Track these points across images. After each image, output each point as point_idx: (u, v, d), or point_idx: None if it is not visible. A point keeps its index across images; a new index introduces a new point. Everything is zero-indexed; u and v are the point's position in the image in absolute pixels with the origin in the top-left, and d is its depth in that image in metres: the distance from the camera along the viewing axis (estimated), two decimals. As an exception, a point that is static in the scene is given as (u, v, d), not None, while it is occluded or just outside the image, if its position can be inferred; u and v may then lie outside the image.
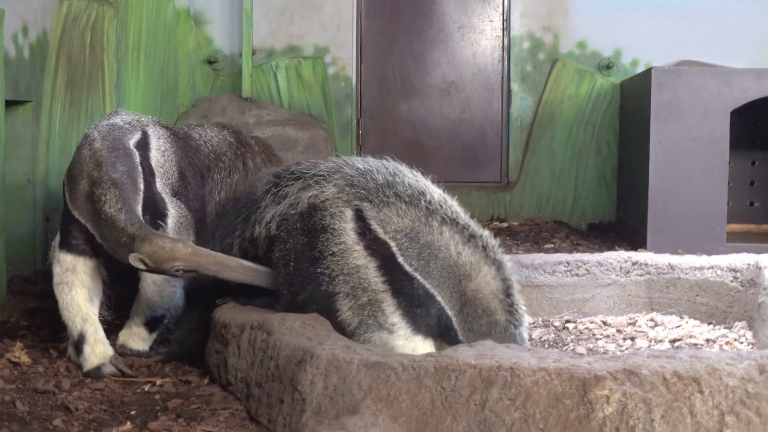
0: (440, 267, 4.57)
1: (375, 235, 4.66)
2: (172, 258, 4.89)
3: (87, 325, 5.22)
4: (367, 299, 4.63)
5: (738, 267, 6.41)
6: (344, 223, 4.73)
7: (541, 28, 10.87)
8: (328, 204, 4.81)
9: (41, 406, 4.53)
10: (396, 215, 4.66)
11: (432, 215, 4.66)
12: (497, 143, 11.08)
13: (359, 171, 4.91)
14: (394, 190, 4.73)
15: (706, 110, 8.29)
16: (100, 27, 8.01)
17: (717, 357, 3.80)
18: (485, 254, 4.63)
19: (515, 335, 4.60)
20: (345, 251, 4.69)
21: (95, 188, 5.14)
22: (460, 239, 4.62)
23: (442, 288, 4.55)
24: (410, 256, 4.58)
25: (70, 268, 5.22)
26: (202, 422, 4.35)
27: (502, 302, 4.59)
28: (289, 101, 10.87)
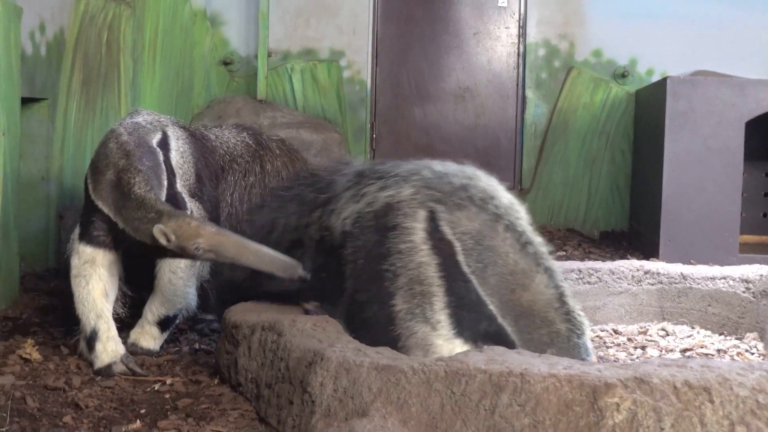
0: (498, 274, 4.54)
1: (442, 235, 4.64)
2: (196, 235, 4.88)
3: (101, 322, 5.21)
4: (420, 291, 4.60)
5: (750, 278, 6.40)
6: (415, 223, 4.71)
7: (557, 35, 10.87)
8: (404, 204, 4.80)
9: (51, 402, 4.54)
10: (466, 218, 4.64)
11: (499, 220, 4.64)
12: (511, 150, 11.07)
13: (437, 173, 4.90)
14: (468, 194, 4.72)
15: (721, 120, 8.28)
16: (117, 26, 8.03)
17: (728, 367, 3.79)
18: (537, 262, 4.60)
19: (579, 345, 4.54)
20: (411, 249, 4.67)
21: (123, 174, 5.15)
22: (518, 246, 4.60)
23: (497, 296, 4.51)
24: (471, 258, 4.55)
25: (89, 260, 5.22)
26: (212, 422, 4.35)
27: (557, 311, 4.54)
28: (304, 104, 10.89)
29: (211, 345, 5.67)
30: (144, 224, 4.99)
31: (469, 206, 4.67)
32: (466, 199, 4.70)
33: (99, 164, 5.25)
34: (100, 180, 5.19)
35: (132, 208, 5.05)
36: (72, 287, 5.25)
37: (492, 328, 4.52)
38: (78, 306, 5.24)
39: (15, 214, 6.24)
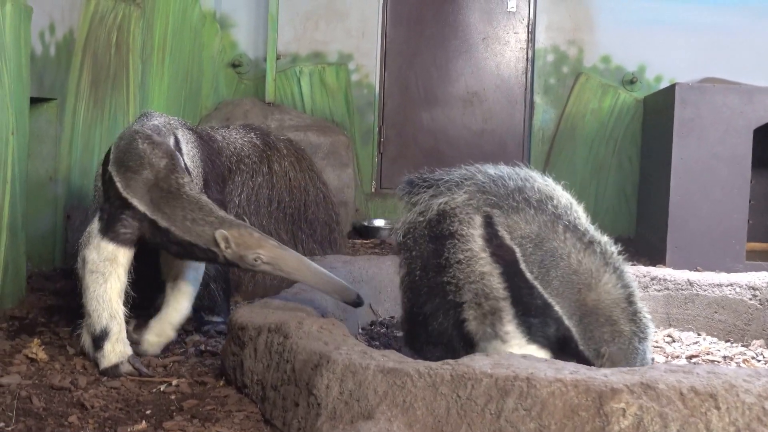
0: (561, 275, 4.47)
1: (501, 241, 4.59)
2: (257, 246, 4.97)
3: (113, 323, 5.19)
4: (489, 307, 4.59)
5: (757, 285, 6.39)
6: (472, 230, 4.68)
7: (566, 41, 10.87)
8: (458, 210, 4.76)
9: (57, 402, 4.54)
10: (524, 221, 4.58)
11: (557, 220, 4.57)
12: (518, 155, 11.07)
13: (491, 177, 4.84)
14: (524, 196, 4.65)
15: (729, 128, 8.28)
16: (126, 27, 8.05)
17: (734, 374, 3.78)
18: (605, 261, 4.52)
19: (638, 350, 4.46)
20: (471, 258, 4.64)
21: (169, 174, 5.20)
22: (581, 246, 4.52)
23: (562, 297, 4.46)
24: (533, 263, 4.49)
25: (110, 258, 5.19)
26: (217, 423, 4.35)
27: (624, 311, 4.46)
28: (312, 107, 10.90)
29: (217, 347, 5.67)
30: (200, 226, 5.06)
31: (526, 209, 4.60)
32: (523, 202, 4.64)
33: (130, 163, 5.23)
34: (134, 178, 5.18)
35: (183, 208, 5.10)
36: (85, 281, 5.21)
37: (561, 331, 4.49)
38: (91, 302, 5.20)
39: (23, 213, 6.25)
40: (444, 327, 4.86)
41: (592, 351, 4.44)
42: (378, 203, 10.86)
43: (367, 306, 6.58)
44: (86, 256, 5.22)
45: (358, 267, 6.61)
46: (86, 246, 5.25)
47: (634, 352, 4.46)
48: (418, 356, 4.64)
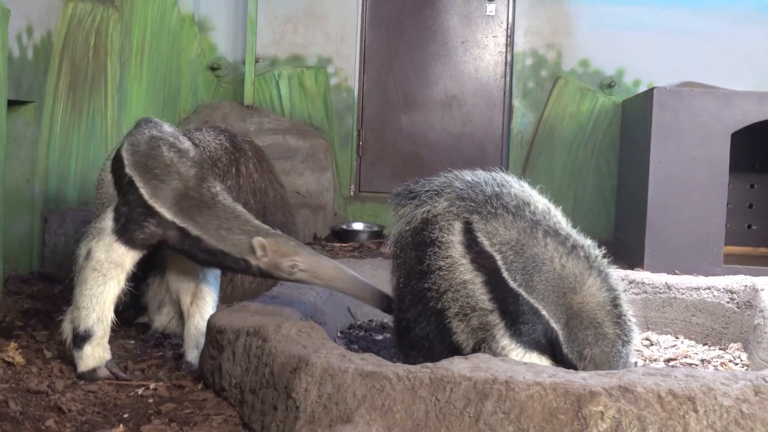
0: (544, 280, 4.49)
1: (481, 248, 4.60)
2: (294, 253, 5.02)
3: (99, 327, 5.16)
4: (477, 323, 4.61)
5: (735, 288, 6.41)
6: (452, 236, 4.70)
7: (545, 45, 10.89)
8: (439, 218, 4.79)
9: (34, 406, 4.52)
10: (503, 227, 4.60)
11: (536, 226, 4.59)
12: (497, 159, 11.09)
13: (468, 184, 4.86)
14: (501, 201, 4.67)
15: (707, 132, 8.31)
16: (105, 30, 8.02)
17: (712, 377, 3.79)
18: (589, 265, 4.54)
19: (620, 354, 4.48)
20: (452, 265, 4.66)
21: (203, 183, 5.25)
22: (563, 250, 4.54)
23: (547, 302, 4.47)
24: (515, 270, 4.51)
25: (117, 261, 5.16)
26: (195, 427, 4.34)
27: (609, 313, 4.48)
28: (291, 110, 10.89)
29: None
30: (236, 235, 5.09)
31: (505, 215, 4.62)
32: (501, 208, 4.65)
33: (156, 171, 5.23)
34: (162, 187, 5.18)
35: (218, 217, 5.13)
36: (84, 274, 5.17)
37: (549, 335, 4.50)
38: (83, 298, 5.15)
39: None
40: (426, 332, 4.89)
41: (576, 354, 4.46)
42: (357, 207, 10.86)
43: (346, 309, 6.58)
44: (93, 251, 5.18)
45: (337, 270, 6.59)
46: (95, 240, 5.20)
47: (617, 355, 4.48)
48: (406, 362, 4.64)
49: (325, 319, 5.71)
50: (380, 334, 6.34)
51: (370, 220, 10.62)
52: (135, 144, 5.36)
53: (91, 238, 5.23)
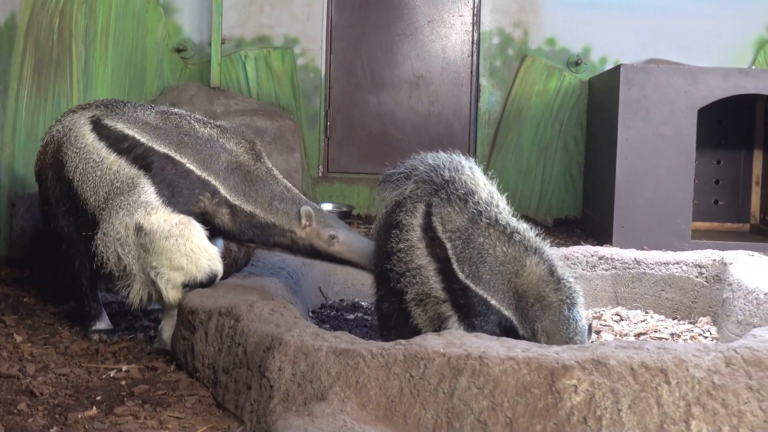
0: (490, 270, 4.59)
1: (435, 233, 4.71)
2: (334, 224, 5.36)
3: (216, 264, 5.34)
4: (433, 312, 4.72)
5: (703, 263, 6.46)
6: (413, 219, 4.82)
7: (511, 24, 10.89)
8: (407, 201, 4.91)
9: (5, 390, 4.49)
10: (455, 213, 4.69)
11: (480, 216, 4.68)
12: (465, 138, 11.09)
13: (430, 166, 5.00)
14: (454, 187, 4.76)
15: (674, 108, 8.34)
16: (69, 12, 7.95)
17: (684, 349, 3.83)
18: (525, 246, 4.63)
19: (569, 319, 4.55)
20: (410, 248, 4.79)
21: (258, 160, 5.47)
22: (504, 238, 4.64)
23: (495, 291, 4.56)
24: (463, 261, 4.61)
25: (185, 222, 5.26)
26: (168, 408, 4.33)
27: (549, 283, 4.58)
28: (258, 91, 10.84)
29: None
30: (287, 205, 5.36)
31: (456, 201, 4.72)
32: (453, 194, 4.77)
33: (199, 146, 5.39)
34: (215, 162, 5.35)
35: (272, 190, 5.38)
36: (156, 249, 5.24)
37: (504, 323, 4.56)
38: (174, 260, 5.24)
39: (-34, 201, 6.17)
40: (390, 311, 4.98)
41: (529, 331, 4.52)
42: (325, 187, 10.84)
43: (317, 289, 6.58)
44: (146, 225, 5.24)
45: (308, 250, 6.59)
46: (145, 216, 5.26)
47: (566, 321, 4.55)
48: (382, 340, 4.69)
49: (296, 299, 5.72)
50: (351, 314, 6.35)
51: (338, 200, 10.60)
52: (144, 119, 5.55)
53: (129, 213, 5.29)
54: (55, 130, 5.76)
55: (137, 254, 5.27)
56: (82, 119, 5.60)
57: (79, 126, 5.56)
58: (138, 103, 5.73)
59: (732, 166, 9.79)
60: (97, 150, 5.44)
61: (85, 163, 5.45)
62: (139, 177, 5.30)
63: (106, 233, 5.31)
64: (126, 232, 5.24)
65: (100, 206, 5.38)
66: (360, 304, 6.60)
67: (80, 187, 5.47)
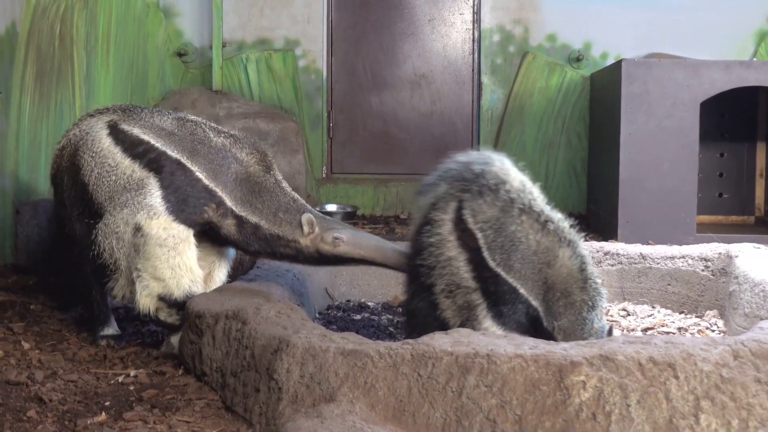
0: (521, 258, 4.58)
1: (466, 225, 4.72)
2: (336, 226, 5.38)
3: (196, 287, 5.34)
4: (462, 301, 4.72)
5: (709, 256, 6.46)
6: (444, 215, 4.83)
7: (512, 21, 10.89)
8: (440, 200, 4.92)
9: (14, 397, 4.50)
10: (486, 205, 4.71)
11: (513, 204, 4.69)
12: (467, 136, 11.09)
13: (462, 164, 5.02)
14: (485, 180, 4.79)
15: (676, 102, 8.33)
16: (70, 18, 7.95)
17: (692, 343, 3.83)
18: (559, 237, 4.62)
19: (585, 320, 4.55)
20: (441, 242, 4.80)
21: (268, 171, 5.47)
22: (538, 226, 4.63)
23: (525, 280, 4.56)
24: (494, 250, 4.61)
25: (183, 237, 5.29)
26: (177, 412, 4.33)
27: (577, 281, 4.57)
28: (260, 94, 10.84)
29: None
30: (291, 215, 5.37)
31: (487, 192, 4.74)
32: (484, 187, 4.78)
33: (212, 156, 5.39)
34: (224, 173, 5.36)
35: (276, 203, 5.39)
36: (146, 252, 5.27)
37: (531, 312, 4.56)
38: (160, 270, 5.27)
39: (-29, 209, 6.17)
40: (419, 307, 5.00)
41: (551, 326, 4.52)
42: (329, 188, 10.84)
43: (323, 290, 6.58)
44: (145, 227, 5.26)
45: (313, 252, 6.59)
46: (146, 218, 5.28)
47: (582, 322, 4.54)
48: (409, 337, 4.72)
49: (303, 301, 5.73)
50: (358, 314, 6.35)
51: (343, 201, 10.60)
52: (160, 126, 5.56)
53: (134, 212, 5.32)
54: (72, 134, 5.76)
55: (128, 252, 5.31)
56: (99, 123, 5.61)
57: (96, 130, 5.57)
58: (156, 109, 5.74)
59: (735, 159, 9.78)
60: (113, 154, 5.45)
61: (101, 168, 5.46)
62: (148, 179, 5.32)
63: (107, 224, 5.36)
64: (125, 229, 5.27)
65: None
66: (367, 305, 6.60)
67: (95, 191, 5.48)
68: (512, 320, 4.56)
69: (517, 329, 4.57)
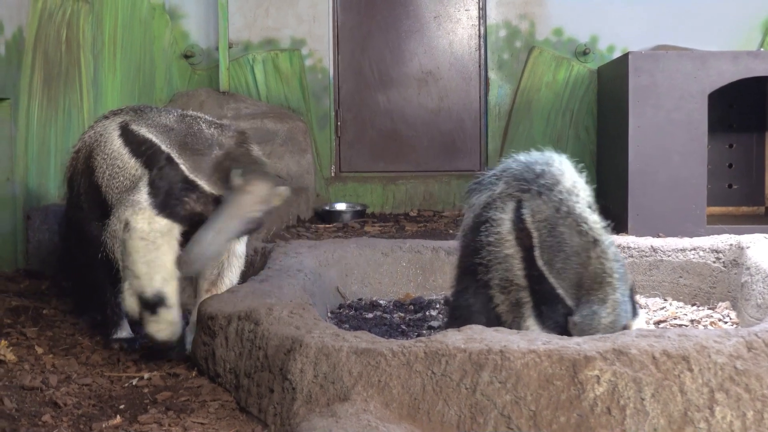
0: (563, 258, 4.61)
1: (524, 224, 4.76)
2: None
3: (168, 286, 5.22)
4: (514, 298, 4.76)
5: (720, 248, 6.45)
6: (504, 214, 4.86)
7: (517, 16, 10.88)
8: (497, 199, 4.95)
9: (29, 402, 4.51)
10: (543, 204, 4.74)
11: (561, 205, 4.72)
12: (476, 132, 11.09)
13: (522, 164, 5.05)
14: (544, 180, 4.83)
15: (684, 93, 8.32)
16: (76, 23, 7.97)
17: (705, 335, 3.82)
18: (592, 237, 4.64)
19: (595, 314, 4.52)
20: (500, 240, 4.82)
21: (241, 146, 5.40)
22: (578, 228, 4.66)
23: (562, 279, 4.59)
24: (544, 249, 4.65)
25: (165, 231, 5.21)
26: (192, 414, 4.34)
27: (601, 281, 4.58)
28: (267, 94, 10.86)
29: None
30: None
31: (546, 192, 4.77)
32: (543, 186, 4.82)
33: (198, 146, 5.33)
34: (203, 160, 5.29)
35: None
36: (128, 245, 5.21)
37: (568, 312, 4.57)
38: (137, 265, 5.20)
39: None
40: (469, 303, 5.05)
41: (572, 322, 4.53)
42: (338, 187, 10.85)
43: (335, 289, 6.58)
44: (131, 222, 5.21)
45: (324, 251, 6.61)
46: (132, 213, 5.23)
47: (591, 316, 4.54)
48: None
49: (314, 300, 5.72)
50: (370, 312, 6.35)
51: (352, 200, 10.61)
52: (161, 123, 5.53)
53: (125, 209, 5.29)
54: (87, 136, 5.78)
55: (120, 249, 5.31)
56: (112, 125, 5.62)
57: (109, 132, 5.58)
58: (164, 108, 5.75)
59: (744, 150, 9.76)
60: (122, 156, 5.46)
61: (111, 169, 5.47)
62: (144, 176, 5.33)
63: (108, 225, 5.38)
64: (119, 226, 5.27)
65: None
66: (378, 303, 6.60)
67: (107, 193, 5.50)
68: (551, 320, 4.59)
69: (554, 329, 4.58)
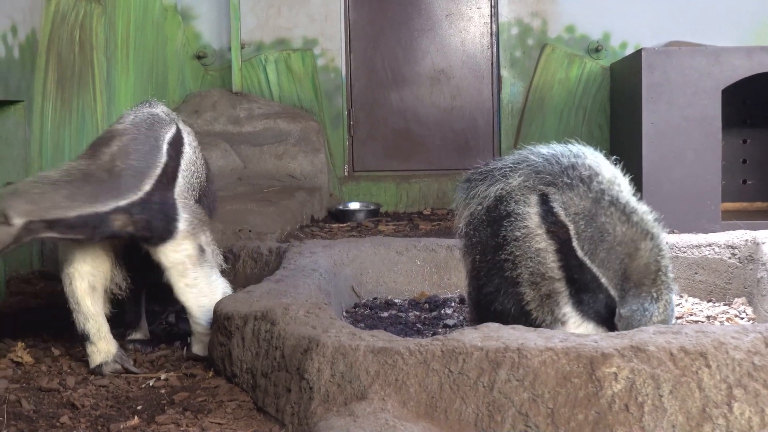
0: (607, 249, 4.57)
1: (557, 218, 4.70)
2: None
3: (89, 325, 5.12)
4: (546, 290, 4.70)
5: (736, 244, 6.43)
6: (528, 208, 4.79)
7: (529, 13, 10.88)
8: (514, 192, 4.89)
9: (47, 404, 4.52)
10: (578, 197, 4.69)
11: (603, 196, 4.68)
12: (488, 130, 11.09)
13: (544, 157, 4.96)
14: (577, 172, 4.76)
15: (697, 89, 8.31)
16: (89, 25, 7.99)
17: (723, 331, 3.81)
18: (642, 229, 4.62)
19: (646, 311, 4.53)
20: (528, 235, 4.75)
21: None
22: (624, 218, 4.62)
23: (607, 269, 4.56)
24: (583, 240, 4.60)
25: (66, 259, 5.13)
26: (210, 414, 4.34)
27: (651, 273, 4.56)
28: (280, 94, 10.88)
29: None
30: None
31: (580, 185, 4.72)
32: (576, 179, 4.75)
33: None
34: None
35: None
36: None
37: (610, 303, 4.56)
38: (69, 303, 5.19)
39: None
40: (504, 306, 4.97)
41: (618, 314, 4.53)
42: (352, 186, 10.86)
43: (350, 288, 6.58)
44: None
45: (338, 250, 6.60)
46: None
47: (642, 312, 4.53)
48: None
49: (329, 300, 5.72)
50: (385, 311, 6.35)
51: (365, 199, 10.62)
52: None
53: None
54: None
55: None
56: None
57: None
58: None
59: (759, 145, 9.74)
60: None
61: None
62: None
63: None
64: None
65: None
66: (393, 302, 6.60)
67: None
68: (591, 309, 4.57)
69: (595, 317, 4.58)
